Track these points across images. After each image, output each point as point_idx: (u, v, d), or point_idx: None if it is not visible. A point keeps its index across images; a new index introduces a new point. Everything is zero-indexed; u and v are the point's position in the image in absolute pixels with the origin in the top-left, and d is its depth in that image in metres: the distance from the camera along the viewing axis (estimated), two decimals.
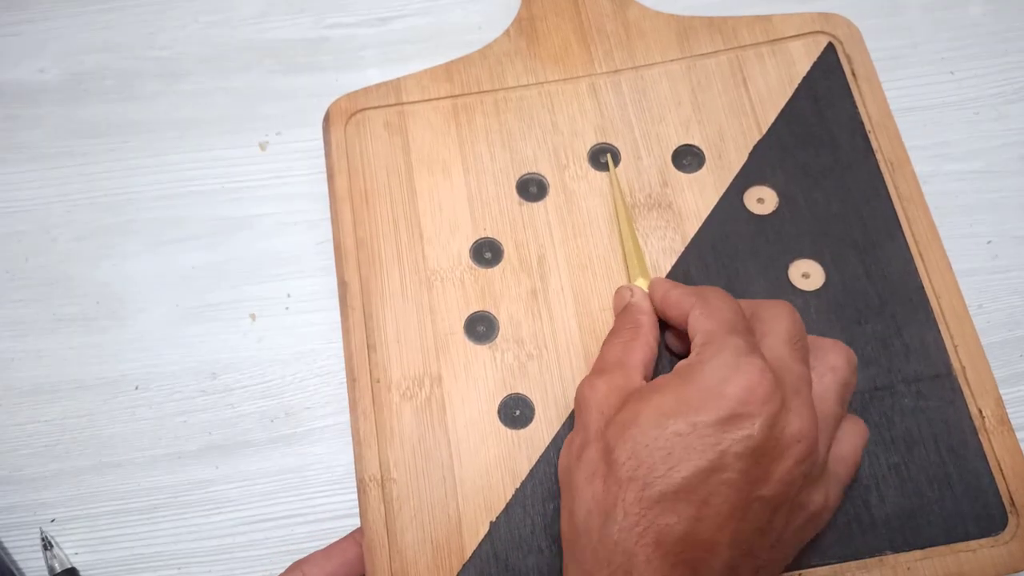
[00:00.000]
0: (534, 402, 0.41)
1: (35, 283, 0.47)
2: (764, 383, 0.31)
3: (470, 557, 0.38)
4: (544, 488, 0.39)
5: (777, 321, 0.35)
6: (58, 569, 0.41)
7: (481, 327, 0.42)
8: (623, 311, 0.39)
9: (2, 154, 0.50)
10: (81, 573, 0.42)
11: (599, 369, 0.37)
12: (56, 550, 0.42)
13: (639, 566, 0.30)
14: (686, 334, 0.36)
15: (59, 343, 0.46)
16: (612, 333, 0.38)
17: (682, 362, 0.34)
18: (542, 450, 0.40)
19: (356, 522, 0.40)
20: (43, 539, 0.42)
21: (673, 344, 0.40)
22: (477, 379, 0.41)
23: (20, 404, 0.45)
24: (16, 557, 0.42)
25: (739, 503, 0.31)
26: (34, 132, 0.51)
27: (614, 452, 0.32)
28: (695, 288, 0.38)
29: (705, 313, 0.35)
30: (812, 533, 0.35)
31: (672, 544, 0.30)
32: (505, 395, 0.41)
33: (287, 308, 0.46)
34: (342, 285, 0.43)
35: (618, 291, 0.41)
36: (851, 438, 0.35)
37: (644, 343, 0.37)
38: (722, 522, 0.31)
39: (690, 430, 0.31)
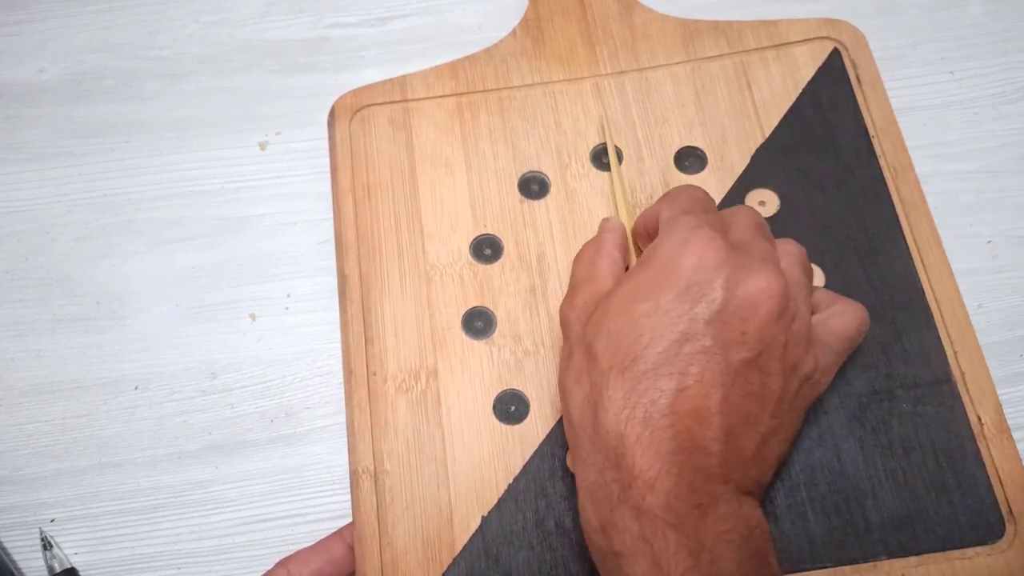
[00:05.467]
0: (529, 398, 0.41)
1: (35, 283, 0.47)
2: (713, 249, 0.32)
3: (460, 551, 0.38)
4: (537, 484, 0.39)
5: (741, 214, 0.37)
6: (58, 569, 0.41)
7: (479, 323, 0.42)
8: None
9: (2, 154, 0.50)
10: (81, 573, 0.42)
11: (572, 288, 0.37)
12: (56, 550, 0.42)
13: (630, 446, 0.31)
14: None
15: (59, 343, 0.46)
16: (577, 256, 0.39)
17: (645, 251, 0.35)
18: (536, 446, 0.40)
19: None
20: (43, 539, 0.42)
21: None
22: (473, 374, 0.41)
23: (20, 404, 0.45)
24: (16, 557, 0.42)
25: (720, 369, 0.31)
26: (34, 132, 0.50)
27: (593, 347, 0.33)
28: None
29: (666, 204, 0.37)
30: (812, 397, 0.35)
31: (659, 419, 0.31)
32: (500, 391, 0.41)
33: (287, 308, 0.46)
34: (342, 278, 0.43)
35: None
36: (844, 315, 0.37)
37: (607, 255, 0.38)
38: (707, 390, 0.31)
39: (655, 308, 0.32)
